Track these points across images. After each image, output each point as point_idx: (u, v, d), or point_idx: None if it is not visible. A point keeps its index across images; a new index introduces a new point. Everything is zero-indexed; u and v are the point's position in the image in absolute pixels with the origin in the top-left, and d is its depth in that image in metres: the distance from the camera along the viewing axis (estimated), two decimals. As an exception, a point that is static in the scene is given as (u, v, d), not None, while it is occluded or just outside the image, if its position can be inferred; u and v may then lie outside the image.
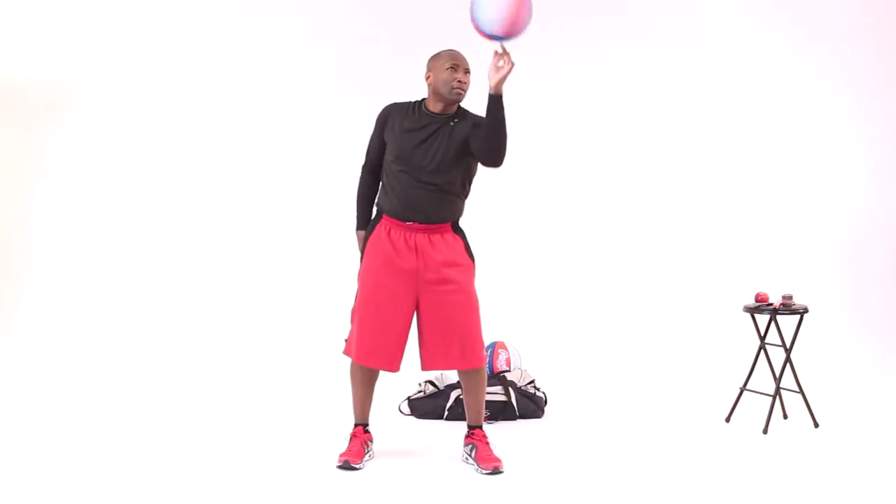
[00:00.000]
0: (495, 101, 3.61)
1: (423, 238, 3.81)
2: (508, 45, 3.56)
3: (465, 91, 3.77)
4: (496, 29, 3.48)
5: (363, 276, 3.88)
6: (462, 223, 3.98)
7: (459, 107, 3.86)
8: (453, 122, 3.78)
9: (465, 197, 3.93)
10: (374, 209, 3.96)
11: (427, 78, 3.80)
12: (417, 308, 3.85)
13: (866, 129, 6.33)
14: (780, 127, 6.30)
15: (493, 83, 3.58)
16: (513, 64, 3.56)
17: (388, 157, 3.83)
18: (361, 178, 4.00)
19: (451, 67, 3.72)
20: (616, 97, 6.26)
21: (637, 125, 6.27)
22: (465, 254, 3.89)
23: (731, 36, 6.27)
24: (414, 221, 3.80)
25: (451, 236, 3.86)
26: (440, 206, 3.80)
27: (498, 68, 3.57)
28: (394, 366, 3.85)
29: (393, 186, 3.81)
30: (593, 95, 6.26)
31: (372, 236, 3.88)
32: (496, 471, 3.78)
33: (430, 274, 3.80)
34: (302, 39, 6.15)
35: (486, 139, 3.66)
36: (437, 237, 3.83)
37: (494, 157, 3.69)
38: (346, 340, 3.95)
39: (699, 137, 6.28)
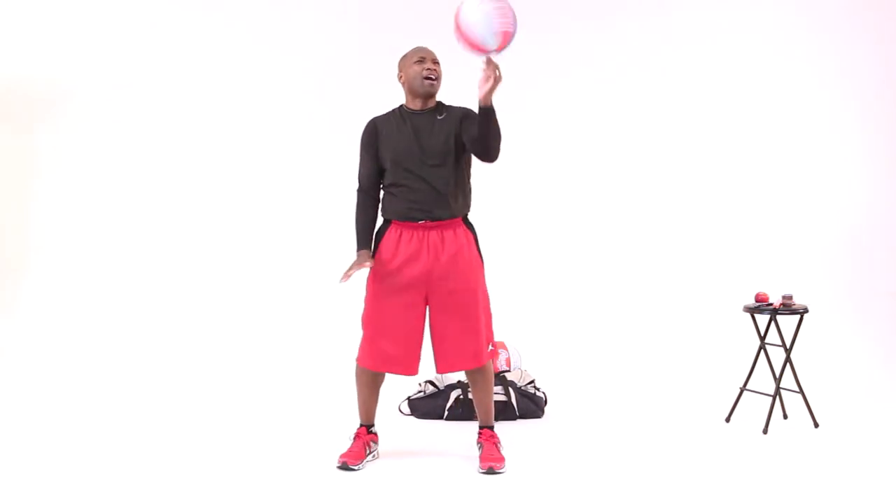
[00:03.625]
0: (486, 114, 3.58)
1: (436, 236, 3.80)
2: (496, 57, 3.49)
3: (436, 80, 3.78)
4: (490, 43, 3.41)
5: (373, 282, 3.87)
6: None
7: (439, 102, 3.87)
8: (439, 116, 3.79)
9: (469, 189, 3.92)
10: (381, 219, 3.93)
11: (400, 79, 3.83)
12: (429, 310, 3.86)
13: (866, 130, 6.33)
14: (780, 127, 6.31)
15: (482, 95, 3.53)
16: (501, 78, 3.51)
17: (389, 164, 3.81)
18: (358, 201, 3.90)
19: (419, 60, 3.76)
20: (616, 98, 6.27)
21: (638, 126, 6.28)
22: (475, 251, 3.89)
23: (732, 36, 6.27)
24: (425, 220, 3.79)
25: (462, 231, 3.86)
26: (446, 201, 3.79)
27: (486, 80, 3.50)
28: (412, 369, 3.85)
29: (396, 193, 3.81)
30: (594, 96, 6.27)
31: (382, 242, 3.85)
32: (490, 471, 3.78)
33: (439, 275, 3.79)
34: (299, 40, 6.16)
35: (479, 142, 3.68)
36: (449, 233, 3.82)
37: (488, 156, 3.72)
38: (360, 349, 3.92)
39: (699, 138, 6.29)
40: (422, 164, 3.75)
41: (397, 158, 3.78)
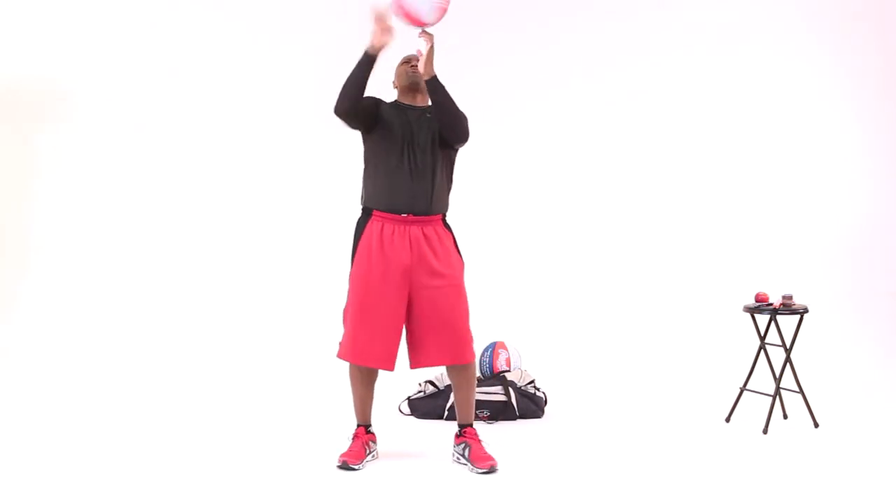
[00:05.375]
0: (432, 86, 3.80)
1: (417, 231, 3.85)
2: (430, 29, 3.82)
3: (417, 70, 3.94)
4: (430, 17, 3.75)
5: (355, 277, 3.89)
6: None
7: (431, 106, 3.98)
8: (428, 114, 3.89)
9: (450, 188, 3.99)
10: (361, 210, 3.95)
11: (394, 84, 4.04)
12: (411, 305, 3.86)
13: (866, 130, 6.34)
14: (780, 128, 6.31)
15: (423, 68, 3.80)
16: (432, 41, 3.80)
17: (376, 149, 3.87)
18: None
19: (405, 62, 3.98)
20: (617, 97, 6.27)
21: (638, 126, 6.28)
22: (455, 250, 3.94)
23: (732, 37, 6.27)
24: (409, 213, 3.83)
25: (442, 230, 3.92)
26: (430, 194, 3.85)
27: (422, 53, 3.80)
28: (389, 365, 3.86)
29: (381, 181, 3.86)
30: (594, 95, 6.27)
31: (363, 236, 3.89)
32: (492, 469, 3.79)
33: (422, 271, 3.83)
34: (300, 41, 6.16)
35: (440, 120, 3.83)
36: (430, 230, 3.87)
37: (454, 133, 3.84)
38: (340, 344, 3.95)
39: (700, 138, 6.29)
40: (410, 152, 3.82)
41: (389, 139, 3.83)
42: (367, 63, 3.80)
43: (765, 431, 4.37)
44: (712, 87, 6.28)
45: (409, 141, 3.82)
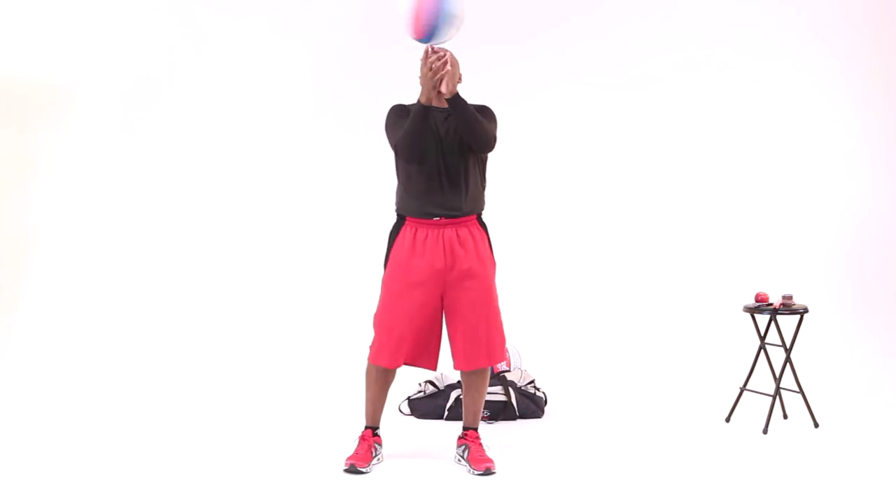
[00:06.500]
0: (452, 103, 3.76)
1: (451, 234, 3.84)
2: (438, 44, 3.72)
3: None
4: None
5: (389, 281, 3.89)
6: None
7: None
8: (450, 115, 3.84)
9: (483, 187, 3.97)
10: (395, 217, 3.96)
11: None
12: (444, 308, 3.88)
13: (866, 130, 6.33)
14: (780, 127, 6.31)
15: (445, 88, 3.74)
16: (446, 61, 3.72)
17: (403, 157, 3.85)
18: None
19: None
20: (616, 99, 6.26)
21: (637, 126, 6.28)
22: (489, 250, 3.93)
23: (732, 37, 6.27)
24: (440, 217, 3.83)
25: (477, 230, 3.91)
26: (462, 196, 3.84)
27: (433, 48, 3.73)
28: (432, 364, 3.91)
29: (412, 187, 3.85)
30: (592, 97, 6.26)
31: (397, 241, 3.89)
32: (488, 471, 3.79)
33: (455, 274, 3.83)
34: (301, 40, 6.15)
35: (462, 134, 3.79)
36: (464, 231, 3.87)
37: (476, 145, 3.81)
38: (370, 348, 3.94)
39: (700, 139, 6.29)
40: (438, 155, 3.80)
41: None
42: (422, 113, 3.76)
43: (765, 431, 4.37)
44: (712, 87, 6.27)
45: (438, 145, 3.80)
